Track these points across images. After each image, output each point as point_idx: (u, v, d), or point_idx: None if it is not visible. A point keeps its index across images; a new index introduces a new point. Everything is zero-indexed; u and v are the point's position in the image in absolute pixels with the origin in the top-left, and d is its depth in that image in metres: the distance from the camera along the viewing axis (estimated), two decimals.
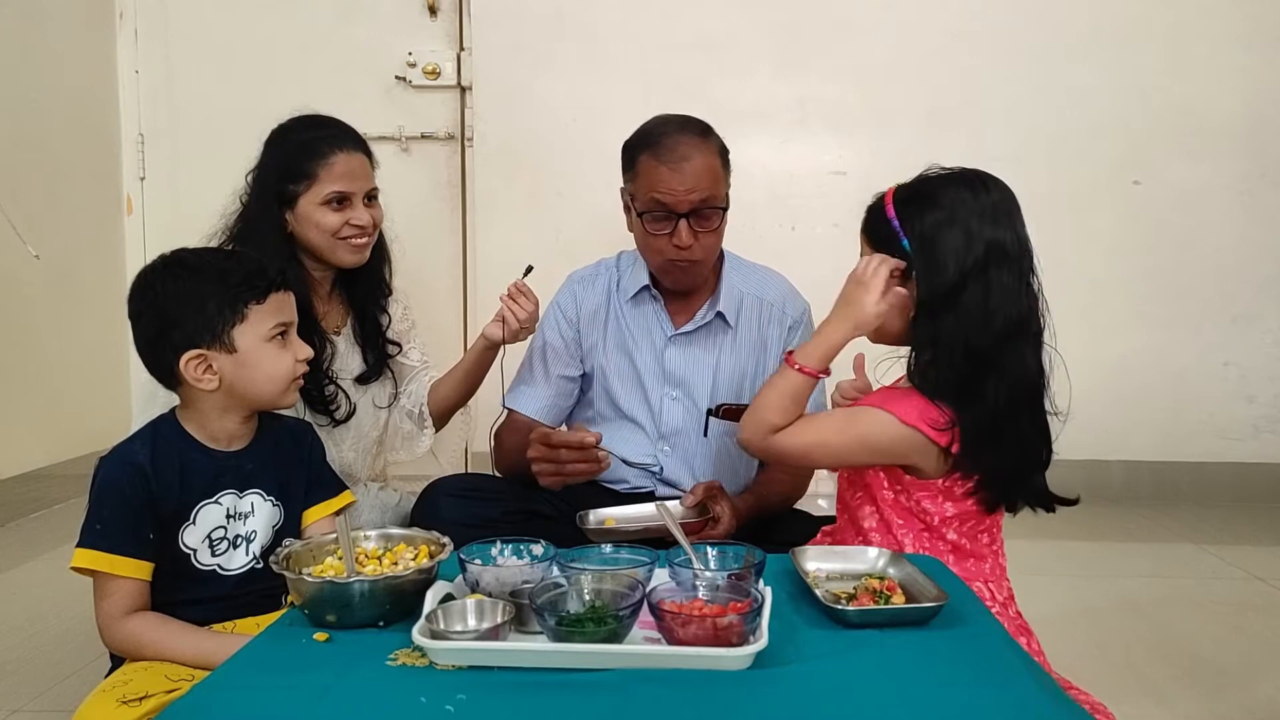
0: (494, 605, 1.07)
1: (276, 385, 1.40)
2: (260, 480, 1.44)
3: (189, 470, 1.38)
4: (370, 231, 1.84)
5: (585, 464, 1.68)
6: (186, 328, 1.35)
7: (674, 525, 1.30)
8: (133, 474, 1.34)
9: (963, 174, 1.39)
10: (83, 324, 3.13)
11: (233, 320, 1.36)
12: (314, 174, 1.76)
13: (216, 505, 1.39)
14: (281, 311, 1.41)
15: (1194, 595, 2.40)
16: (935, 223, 1.34)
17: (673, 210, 1.76)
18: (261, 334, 1.38)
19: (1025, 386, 1.35)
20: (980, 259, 1.32)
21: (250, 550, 1.42)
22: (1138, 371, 3.27)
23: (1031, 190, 3.36)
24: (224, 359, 1.36)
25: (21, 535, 2.85)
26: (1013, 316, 1.33)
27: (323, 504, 1.50)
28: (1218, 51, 3.16)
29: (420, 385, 2.01)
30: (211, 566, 1.39)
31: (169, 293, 1.37)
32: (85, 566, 1.32)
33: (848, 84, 3.25)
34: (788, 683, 0.96)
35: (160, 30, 3.45)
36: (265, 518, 1.44)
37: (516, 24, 3.28)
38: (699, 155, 1.76)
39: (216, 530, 1.39)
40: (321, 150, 1.77)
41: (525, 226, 3.28)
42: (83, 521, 1.34)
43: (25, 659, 1.98)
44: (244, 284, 1.37)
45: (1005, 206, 1.36)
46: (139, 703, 1.21)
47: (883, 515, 1.43)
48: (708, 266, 1.89)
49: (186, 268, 1.40)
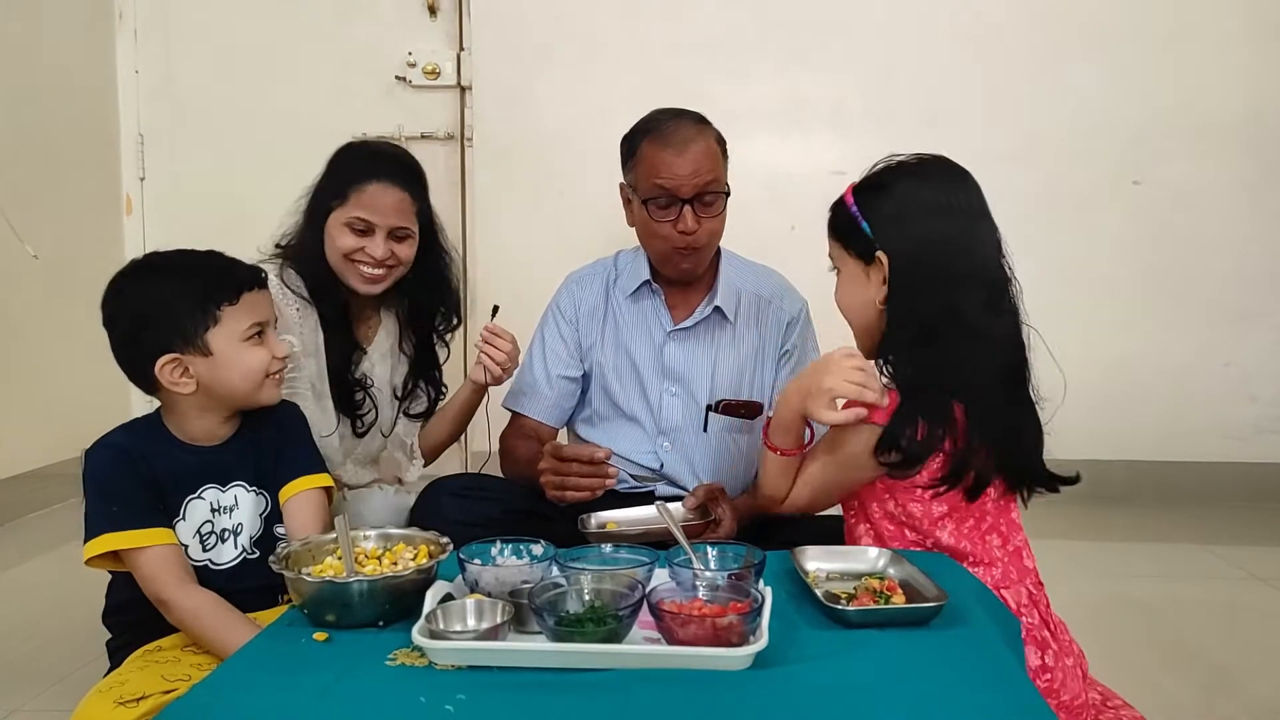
0: (493, 605, 1.07)
1: (251, 383, 1.40)
2: (241, 472, 1.44)
3: (171, 465, 1.39)
4: (388, 266, 1.80)
5: (594, 479, 1.67)
6: (160, 332, 1.36)
7: (674, 526, 1.30)
8: (120, 455, 1.36)
9: (917, 159, 1.41)
10: (82, 324, 3.09)
11: (206, 323, 1.36)
12: (346, 195, 1.77)
13: (200, 500, 1.40)
14: (255, 310, 1.41)
15: (1195, 595, 2.40)
16: (892, 203, 1.37)
17: (676, 195, 1.78)
18: (236, 335, 1.38)
19: (996, 365, 1.35)
20: (936, 235, 1.33)
21: (239, 543, 1.43)
22: (1139, 371, 3.26)
23: (1032, 190, 3.41)
24: (199, 362, 1.36)
25: (21, 535, 2.85)
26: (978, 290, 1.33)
27: (298, 480, 1.47)
28: (1218, 51, 3.15)
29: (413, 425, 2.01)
30: (203, 562, 1.40)
31: (141, 297, 1.38)
32: (107, 550, 1.31)
33: (847, 84, 3.25)
34: (787, 683, 0.96)
35: (160, 30, 3.44)
36: (250, 508, 1.44)
37: (516, 24, 3.28)
38: (700, 140, 1.79)
39: (204, 525, 1.40)
40: (361, 175, 1.77)
41: (525, 226, 3.28)
42: (85, 516, 1.34)
43: (24, 659, 1.98)
44: (215, 286, 1.37)
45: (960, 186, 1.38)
46: (136, 704, 1.21)
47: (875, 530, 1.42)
48: (710, 253, 1.89)
49: (157, 271, 1.40)
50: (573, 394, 2.00)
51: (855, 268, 1.40)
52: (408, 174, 1.82)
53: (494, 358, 1.86)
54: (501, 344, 1.87)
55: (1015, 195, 3.10)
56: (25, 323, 2.99)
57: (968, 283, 1.33)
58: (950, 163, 1.41)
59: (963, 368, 1.32)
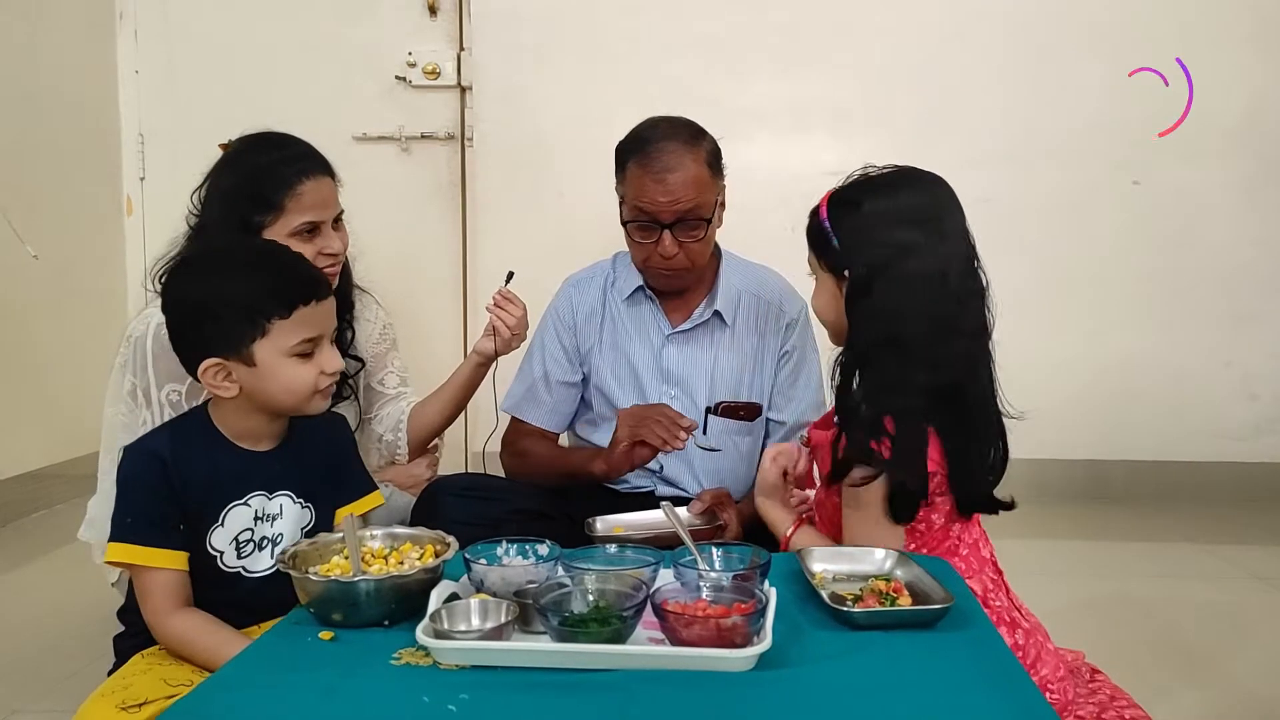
0: (498, 605, 1.07)
1: (295, 398, 1.34)
2: (289, 482, 1.39)
3: (217, 469, 1.34)
4: (340, 258, 1.74)
5: (670, 433, 1.67)
6: (206, 335, 1.31)
7: (681, 528, 1.30)
8: (152, 463, 1.31)
9: (889, 173, 1.40)
10: (82, 324, 3.12)
11: (254, 334, 1.30)
12: (281, 205, 1.64)
13: (245, 507, 1.35)
14: (309, 325, 1.33)
15: (1195, 595, 2.40)
16: (858, 219, 1.36)
17: (656, 219, 1.77)
18: (282, 349, 1.31)
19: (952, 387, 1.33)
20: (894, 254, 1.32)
21: (275, 553, 1.37)
22: (1139, 371, 3.26)
23: (1031, 190, 3.41)
24: (242, 370, 1.31)
25: (21, 535, 2.84)
26: (938, 312, 1.32)
27: (354, 503, 1.44)
28: (1218, 51, 3.15)
29: (396, 409, 1.91)
30: (237, 569, 1.36)
31: (195, 294, 1.33)
32: (121, 561, 1.30)
33: (847, 84, 3.25)
34: (791, 684, 0.96)
35: (160, 30, 3.44)
36: (294, 520, 1.39)
37: (516, 24, 3.27)
38: (683, 166, 1.76)
39: (244, 532, 1.36)
40: (288, 179, 1.65)
41: (525, 227, 3.28)
42: (112, 514, 1.32)
43: (25, 660, 1.97)
44: (269, 296, 1.30)
45: (928, 203, 1.37)
46: (138, 709, 1.21)
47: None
48: (696, 272, 1.88)
49: (217, 268, 1.36)
50: (573, 399, 2.00)
51: (828, 279, 1.42)
52: (319, 157, 1.73)
53: (505, 322, 1.80)
54: (514, 309, 1.81)
55: (1015, 195, 3.14)
56: (26, 323, 2.98)
57: (922, 309, 1.31)
58: (925, 178, 1.40)
59: (898, 390, 1.32)
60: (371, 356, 1.90)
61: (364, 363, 1.88)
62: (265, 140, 1.73)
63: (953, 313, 1.34)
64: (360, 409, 1.88)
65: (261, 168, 1.67)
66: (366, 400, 1.90)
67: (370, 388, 1.91)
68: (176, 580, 1.31)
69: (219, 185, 1.69)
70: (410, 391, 1.95)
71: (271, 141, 1.73)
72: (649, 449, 1.70)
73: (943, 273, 1.33)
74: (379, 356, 1.92)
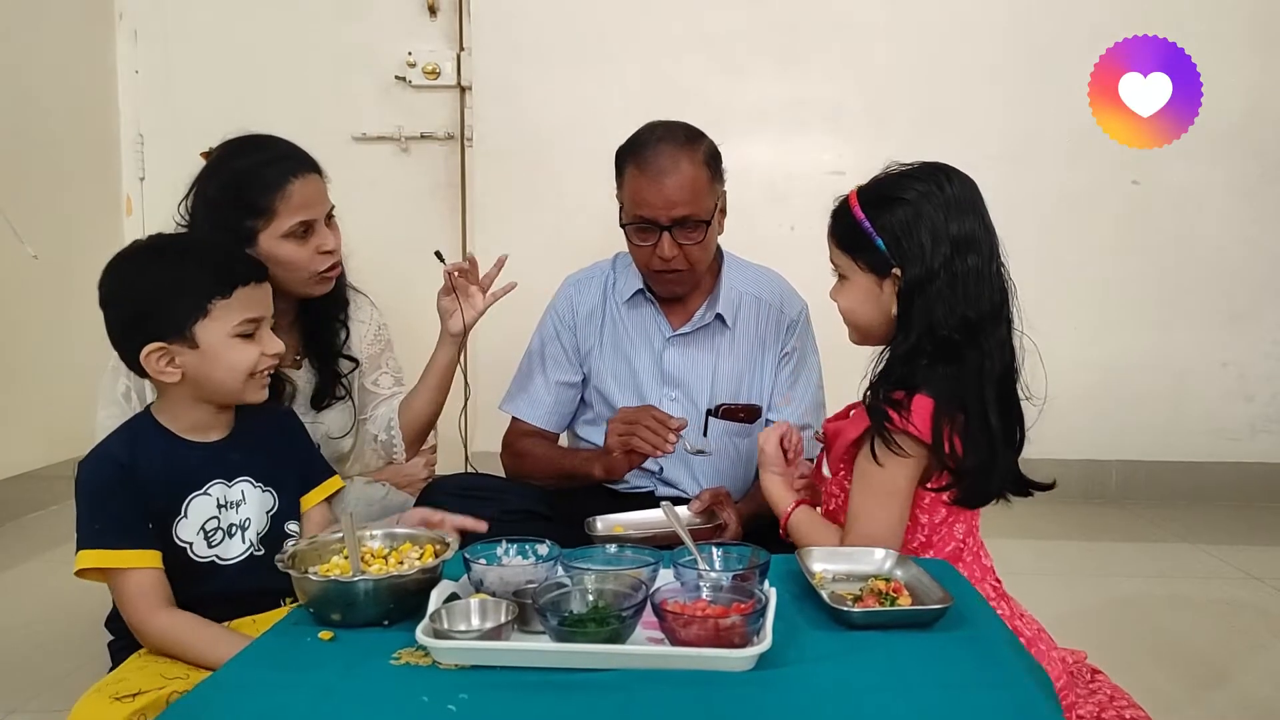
0: (497, 605, 1.07)
1: (236, 380, 1.36)
2: (248, 468, 1.42)
3: (172, 465, 1.37)
4: (338, 254, 1.73)
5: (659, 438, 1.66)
6: (149, 320, 1.33)
7: (680, 527, 1.30)
8: (111, 467, 1.33)
9: (923, 168, 1.40)
10: (81, 324, 3.09)
11: (195, 315, 1.33)
12: (272, 209, 1.61)
13: (206, 496, 1.39)
14: (250, 306, 1.36)
15: (1191, 595, 2.40)
16: (904, 219, 1.35)
17: (654, 223, 1.77)
18: (226, 330, 1.34)
19: (999, 374, 1.36)
20: (951, 250, 1.33)
21: (246, 537, 1.41)
22: (1136, 371, 3.27)
23: (1031, 190, 3.41)
24: (186, 353, 1.34)
25: (20, 535, 2.84)
26: (987, 302, 1.35)
27: (316, 489, 1.50)
28: (1217, 51, 3.15)
29: (389, 408, 1.89)
30: (209, 558, 1.39)
31: (135, 282, 1.36)
32: (93, 566, 1.31)
33: (847, 84, 3.25)
34: (790, 684, 0.96)
35: (160, 30, 3.43)
36: (258, 504, 1.43)
37: (516, 24, 3.27)
38: (681, 170, 1.76)
39: (209, 521, 1.39)
40: (275, 181, 1.62)
41: (524, 227, 3.27)
42: (77, 526, 1.33)
43: (23, 660, 1.97)
44: (210, 277, 1.34)
45: (968, 196, 1.38)
46: (132, 699, 1.21)
47: None
48: (697, 274, 1.88)
49: (154, 257, 1.38)
50: (572, 399, 2.00)
51: (866, 280, 1.40)
52: (304, 155, 1.70)
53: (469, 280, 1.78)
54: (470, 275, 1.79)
55: (1015, 195, 3.13)
56: (25, 323, 2.98)
57: (976, 306, 1.34)
58: (954, 171, 1.40)
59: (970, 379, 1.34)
60: (366, 357, 1.89)
61: (358, 363, 1.88)
62: (248, 144, 1.69)
63: (1003, 299, 1.37)
64: (355, 410, 1.88)
65: (247, 172, 1.64)
66: (361, 401, 1.89)
67: (364, 389, 1.91)
68: (154, 579, 1.32)
69: (205, 194, 1.65)
70: (404, 392, 1.94)
71: (254, 144, 1.69)
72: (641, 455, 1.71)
73: (994, 259, 1.36)
74: (373, 358, 1.92)
